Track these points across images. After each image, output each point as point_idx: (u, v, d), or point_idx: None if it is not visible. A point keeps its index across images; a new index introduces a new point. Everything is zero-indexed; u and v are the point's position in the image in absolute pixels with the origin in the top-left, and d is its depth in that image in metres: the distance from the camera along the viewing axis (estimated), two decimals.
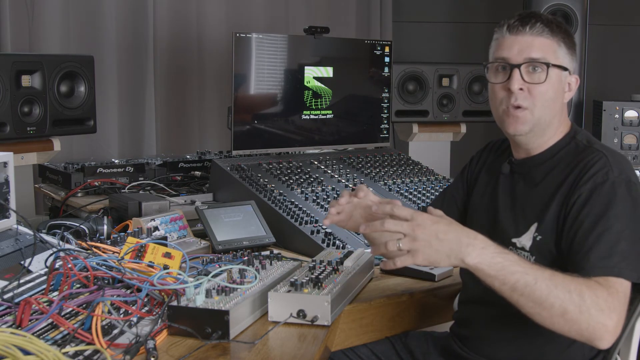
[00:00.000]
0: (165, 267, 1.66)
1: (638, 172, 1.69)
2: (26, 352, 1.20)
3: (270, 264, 1.84)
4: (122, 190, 2.71)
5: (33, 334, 1.32)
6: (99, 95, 2.91)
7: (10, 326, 1.38)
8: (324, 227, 2.20)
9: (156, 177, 2.88)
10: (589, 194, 1.54)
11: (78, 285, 1.55)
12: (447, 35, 4.97)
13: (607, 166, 1.56)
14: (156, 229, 2.11)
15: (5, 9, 3.11)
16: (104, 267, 1.62)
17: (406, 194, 2.60)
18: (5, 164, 1.79)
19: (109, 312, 1.45)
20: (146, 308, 1.52)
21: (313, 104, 2.89)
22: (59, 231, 2.05)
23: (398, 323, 1.89)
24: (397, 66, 3.37)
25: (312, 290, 1.59)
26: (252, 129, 2.74)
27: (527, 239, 1.64)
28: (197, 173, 2.98)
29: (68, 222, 2.16)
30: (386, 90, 3.08)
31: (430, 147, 3.62)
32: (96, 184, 2.73)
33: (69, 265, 1.54)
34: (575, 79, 1.70)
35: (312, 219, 2.26)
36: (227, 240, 2.14)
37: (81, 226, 2.13)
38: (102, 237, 2.11)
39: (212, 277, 1.60)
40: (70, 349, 1.28)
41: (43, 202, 2.99)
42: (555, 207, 1.60)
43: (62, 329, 1.37)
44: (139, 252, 1.72)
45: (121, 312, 1.48)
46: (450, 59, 4.60)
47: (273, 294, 1.57)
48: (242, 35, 2.68)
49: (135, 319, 1.46)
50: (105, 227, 2.16)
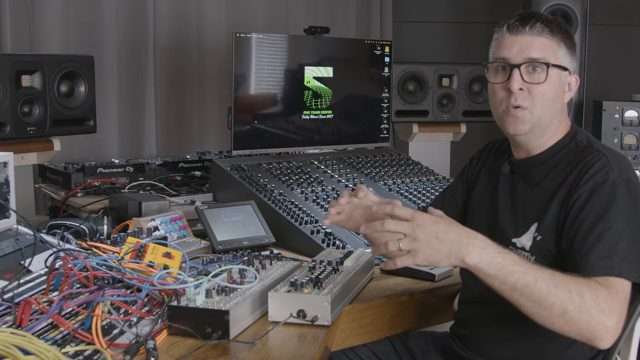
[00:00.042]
0: (165, 267, 1.65)
1: (638, 172, 1.69)
2: (26, 352, 1.20)
3: (270, 264, 1.84)
4: (122, 190, 2.71)
5: (33, 334, 1.32)
6: (99, 95, 2.91)
7: (10, 326, 1.38)
8: (324, 227, 2.20)
9: (156, 177, 2.88)
10: (589, 194, 1.54)
11: (78, 285, 1.55)
12: (447, 35, 4.97)
13: (607, 166, 1.56)
14: (156, 229, 2.11)
15: (5, 9, 3.11)
16: (104, 267, 1.62)
17: (406, 194, 2.60)
18: (5, 164, 1.79)
19: (109, 312, 1.45)
20: (146, 308, 1.52)
21: (313, 104, 2.88)
22: (59, 231, 2.05)
23: (398, 323, 1.89)
24: (397, 66, 3.36)
25: (312, 290, 1.59)
26: (252, 129, 2.74)
27: (527, 239, 1.64)
28: (197, 173, 2.98)
29: (68, 222, 2.16)
30: (386, 90, 3.08)
31: (430, 147, 3.62)
32: (96, 184, 2.72)
33: (69, 265, 1.54)
34: (575, 79, 1.70)
35: (312, 219, 2.26)
36: (227, 240, 2.14)
37: (81, 226, 2.13)
38: (102, 237, 2.10)
39: (212, 277, 1.60)
40: (70, 349, 1.28)
41: (43, 202, 2.99)
42: (555, 207, 1.60)
43: (62, 329, 1.37)
44: (139, 252, 1.72)
45: (121, 312, 1.48)
46: (450, 59, 4.60)
47: (273, 294, 1.57)
48: (242, 35, 2.68)
49: (135, 319, 1.46)
50: (105, 227, 2.16)
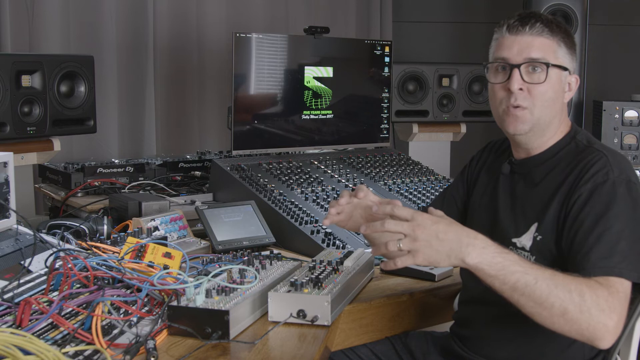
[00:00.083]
0: (165, 267, 1.65)
1: (638, 172, 1.69)
2: (26, 352, 1.20)
3: (270, 264, 1.84)
4: (122, 190, 2.71)
5: (33, 334, 1.32)
6: (99, 95, 2.91)
7: (10, 326, 1.38)
8: (324, 227, 2.20)
9: (156, 177, 2.88)
10: (589, 194, 1.54)
11: (78, 285, 1.55)
12: (447, 35, 4.97)
13: (607, 166, 1.56)
14: (156, 229, 2.11)
15: (5, 9, 3.11)
16: (104, 267, 1.61)
17: (406, 194, 2.60)
18: (5, 164, 1.79)
19: (109, 312, 1.45)
20: (146, 308, 1.52)
21: (313, 104, 2.88)
22: (59, 231, 2.05)
23: (398, 323, 1.89)
24: (397, 66, 3.36)
25: (312, 290, 1.59)
26: (252, 129, 2.74)
27: (527, 239, 1.64)
28: (197, 173, 2.98)
29: (68, 222, 2.16)
30: (386, 90, 3.08)
31: (430, 147, 3.62)
32: (96, 184, 2.72)
33: (69, 265, 1.54)
34: (575, 78, 1.70)
35: (312, 219, 2.26)
36: (227, 240, 2.14)
37: (81, 226, 2.13)
38: (102, 237, 2.10)
39: (212, 277, 1.60)
40: (70, 349, 1.28)
41: (43, 202, 2.99)
42: (555, 207, 1.60)
43: (62, 329, 1.37)
44: (139, 252, 1.72)
45: (121, 312, 1.48)
46: (450, 59, 4.60)
47: (273, 294, 1.57)
48: (242, 35, 2.68)
49: (135, 319, 1.46)
50: (105, 227, 2.16)
